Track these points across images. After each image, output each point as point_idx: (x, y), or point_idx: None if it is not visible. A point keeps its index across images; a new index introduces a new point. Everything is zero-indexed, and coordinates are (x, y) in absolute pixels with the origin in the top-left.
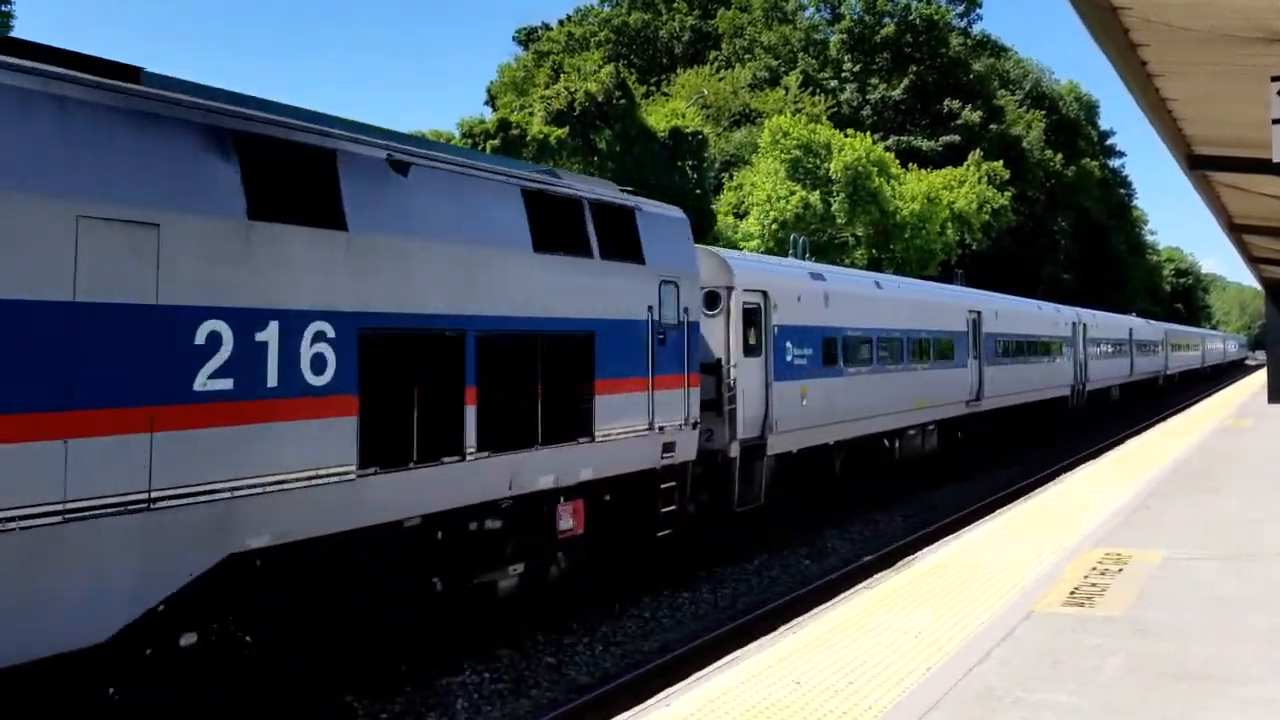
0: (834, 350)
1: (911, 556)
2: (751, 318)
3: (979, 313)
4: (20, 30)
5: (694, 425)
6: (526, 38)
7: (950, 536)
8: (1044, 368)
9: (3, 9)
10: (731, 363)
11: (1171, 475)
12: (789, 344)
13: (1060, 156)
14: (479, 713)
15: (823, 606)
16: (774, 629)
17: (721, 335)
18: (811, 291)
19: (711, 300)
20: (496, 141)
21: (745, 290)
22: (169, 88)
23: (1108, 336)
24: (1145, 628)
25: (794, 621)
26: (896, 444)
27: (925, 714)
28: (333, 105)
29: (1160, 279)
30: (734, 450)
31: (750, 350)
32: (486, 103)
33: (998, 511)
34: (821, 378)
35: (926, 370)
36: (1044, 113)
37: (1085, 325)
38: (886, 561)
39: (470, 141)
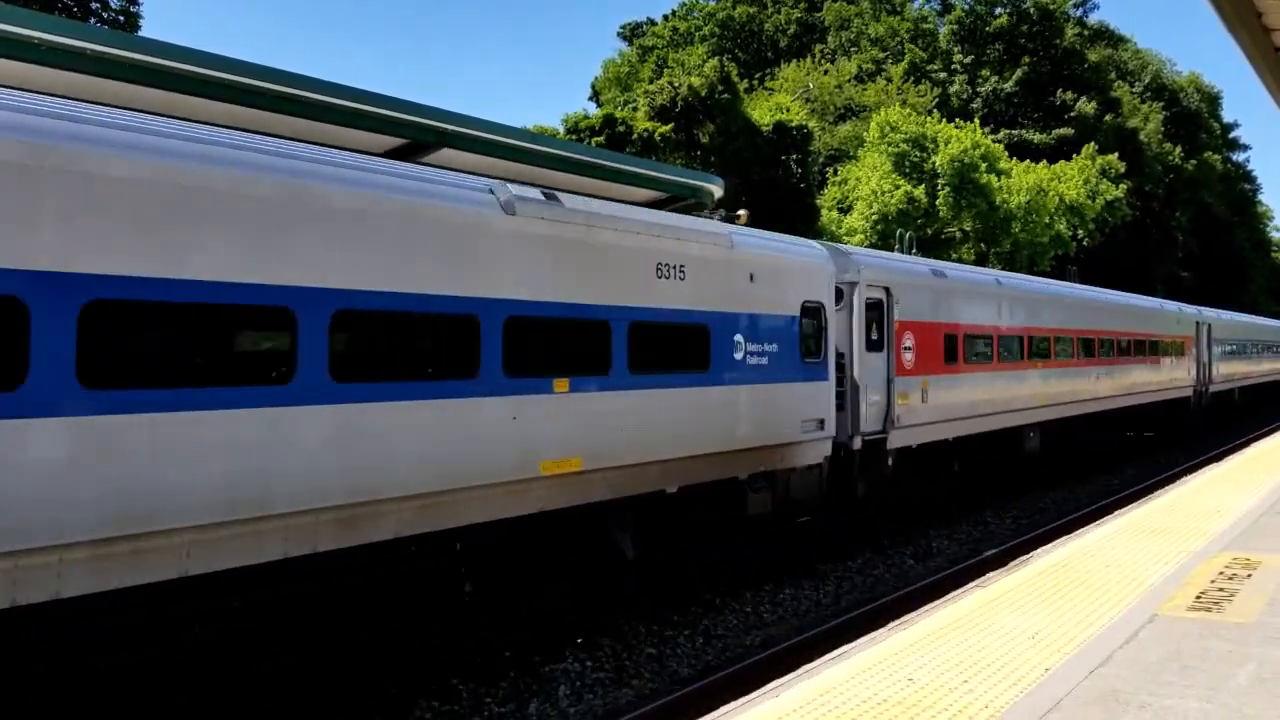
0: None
1: (1025, 557)
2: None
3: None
4: (149, 29)
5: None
6: (631, 33)
7: (1066, 537)
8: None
9: (131, 9)
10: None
11: None
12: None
13: (1180, 150)
14: (580, 700)
15: (933, 604)
16: (881, 626)
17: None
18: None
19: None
20: (602, 138)
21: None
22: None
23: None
24: (1278, 635)
25: (904, 618)
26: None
27: (1045, 715)
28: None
29: None
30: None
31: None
32: (590, 98)
33: (1117, 512)
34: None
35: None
36: (1163, 105)
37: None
38: (998, 562)
39: (575, 136)
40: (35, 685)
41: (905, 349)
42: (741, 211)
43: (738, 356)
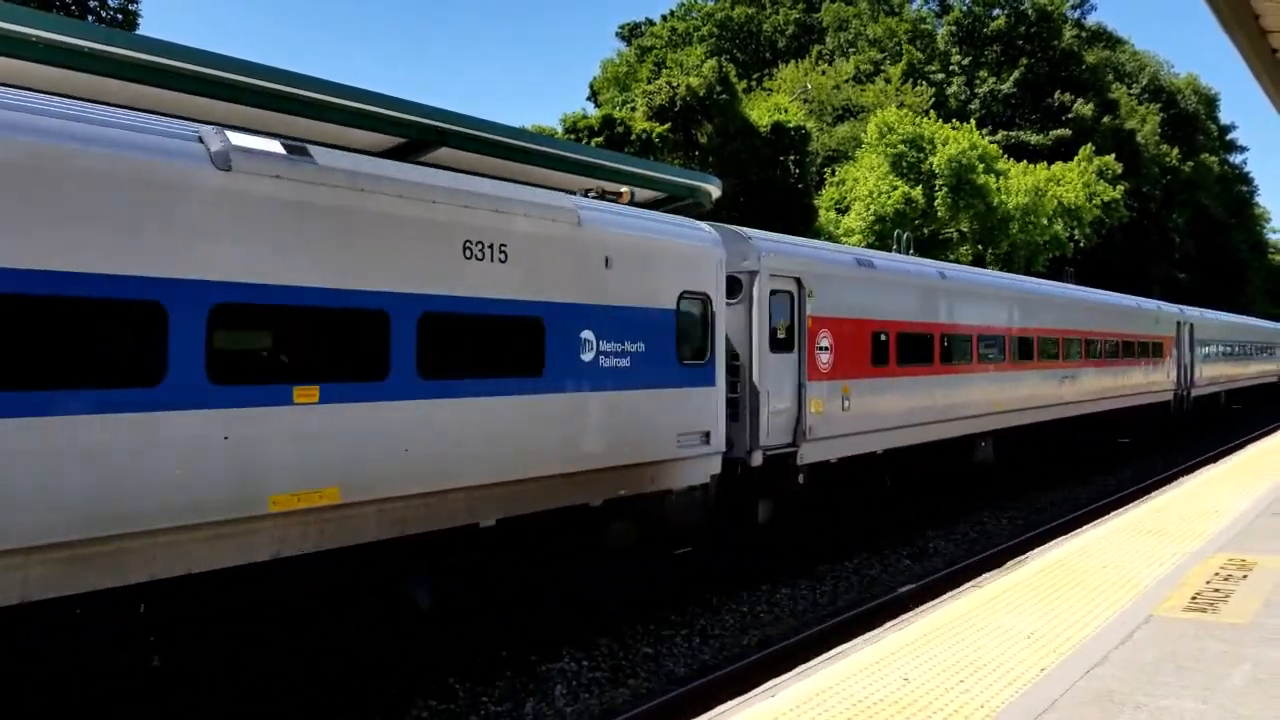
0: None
1: (1022, 557)
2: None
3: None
4: (146, 27)
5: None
6: (629, 33)
7: (1062, 537)
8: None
9: (130, 7)
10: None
11: None
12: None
13: (1177, 151)
14: (577, 699)
15: (930, 604)
16: (877, 626)
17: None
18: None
19: (732, 287)
20: (601, 139)
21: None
22: None
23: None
24: (1273, 636)
25: (900, 618)
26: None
27: (1041, 715)
28: (437, 97)
29: None
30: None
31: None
32: (589, 98)
33: (1114, 513)
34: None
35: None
36: (1160, 106)
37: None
38: (995, 562)
39: (573, 136)
40: (35, 685)
41: (821, 349)
42: (624, 188)
43: (586, 358)
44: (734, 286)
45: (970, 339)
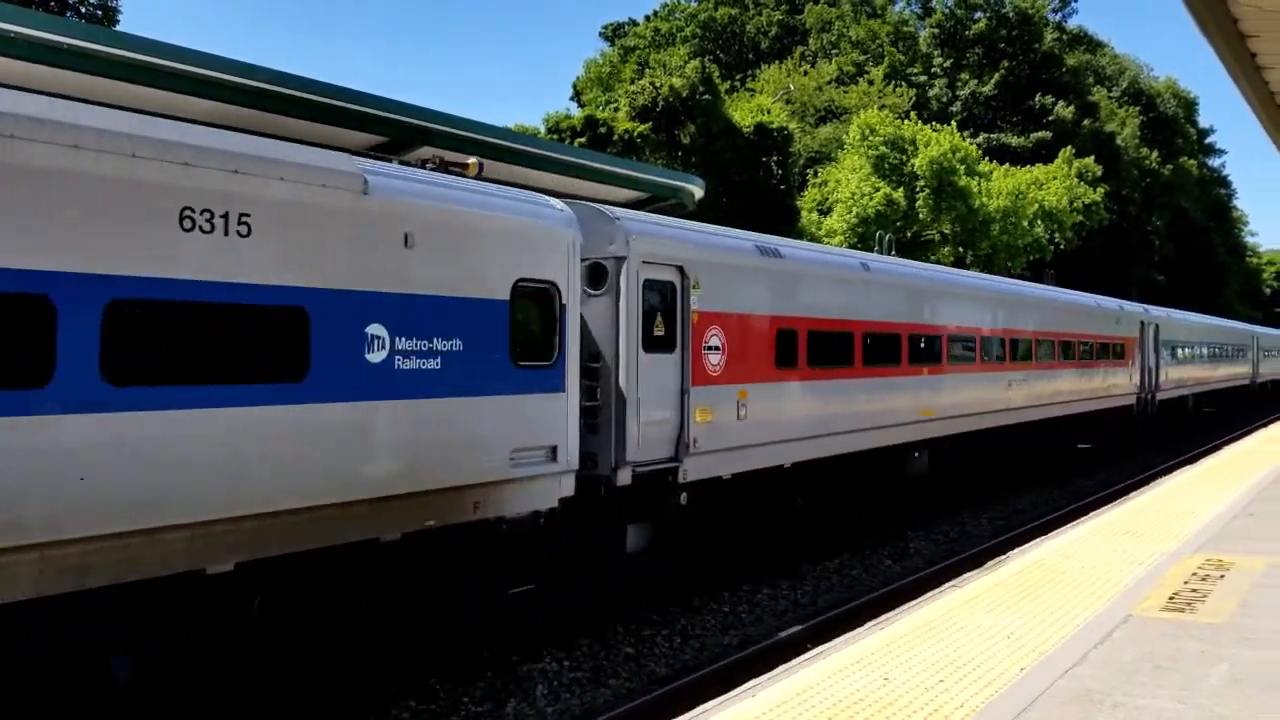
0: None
1: (1002, 557)
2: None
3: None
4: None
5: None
6: (613, 33)
7: (1042, 538)
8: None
9: (109, 3)
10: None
11: (1275, 482)
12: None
13: (1157, 154)
14: (558, 700)
15: (910, 604)
16: (858, 626)
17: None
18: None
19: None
20: (584, 139)
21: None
22: None
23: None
24: (1250, 636)
25: (881, 618)
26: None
27: (1020, 714)
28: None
29: (1260, 282)
30: (624, 477)
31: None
32: (572, 98)
33: (1091, 514)
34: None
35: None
36: (1140, 109)
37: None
38: (975, 562)
39: (556, 136)
40: (35, 685)
41: (710, 349)
42: (472, 159)
43: (375, 358)
44: (599, 275)
45: (899, 338)
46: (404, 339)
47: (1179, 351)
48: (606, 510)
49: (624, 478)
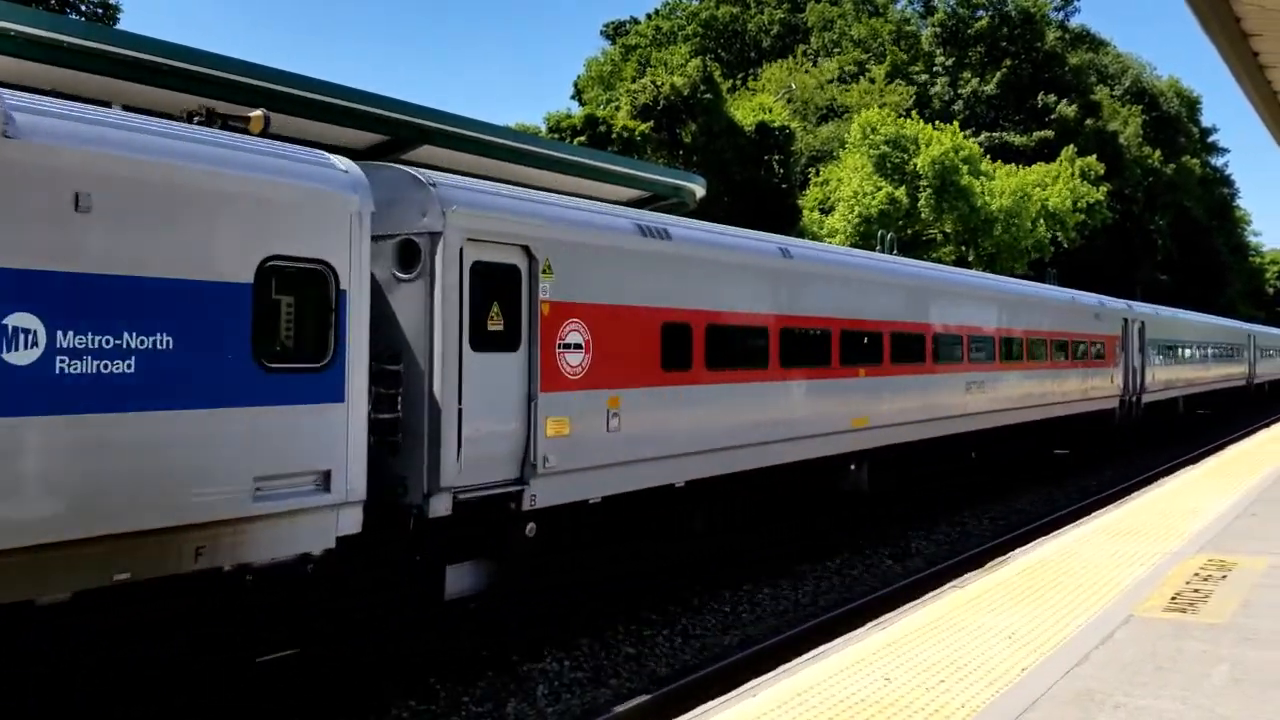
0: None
1: (1003, 557)
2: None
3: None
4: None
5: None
6: (614, 31)
7: (1043, 538)
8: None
9: (109, 1)
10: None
11: (1276, 483)
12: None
13: (1159, 153)
14: (559, 700)
15: (911, 605)
16: (859, 626)
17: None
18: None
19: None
20: (584, 138)
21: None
22: None
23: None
24: (1252, 636)
25: (881, 619)
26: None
27: (1021, 714)
28: (421, 95)
29: (1264, 282)
30: (441, 507)
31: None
32: (573, 96)
33: (1095, 513)
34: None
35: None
36: (1143, 108)
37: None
38: (976, 562)
39: (557, 135)
40: (35, 685)
41: (568, 347)
42: (257, 112)
43: (19, 359)
44: (410, 255)
45: (828, 336)
46: (72, 334)
47: (1167, 351)
48: (416, 549)
49: (439, 507)
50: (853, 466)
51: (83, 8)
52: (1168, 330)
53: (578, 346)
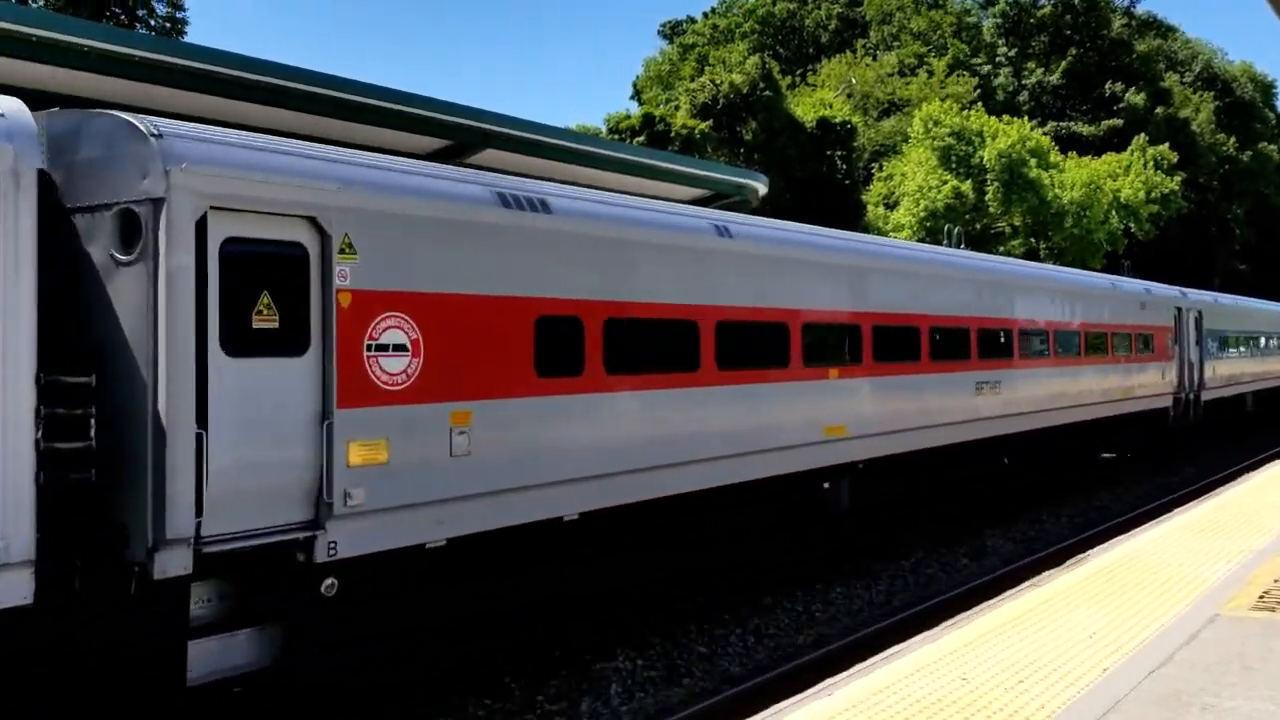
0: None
1: (1082, 555)
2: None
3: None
4: (193, 35)
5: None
6: (671, 31)
7: (1123, 536)
8: None
9: (176, 15)
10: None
11: None
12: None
13: (1234, 140)
14: (632, 698)
15: (989, 603)
16: (934, 626)
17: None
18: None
19: (127, 230)
20: (642, 137)
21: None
22: None
23: None
24: None
25: (958, 617)
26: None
27: (1103, 716)
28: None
29: None
30: (174, 564)
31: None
32: (632, 97)
33: (1175, 511)
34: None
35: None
36: (1214, 95)
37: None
38: (1054, 561)
39: (616, 136)
40: (35, 685)
41: (385, 349)
42: None
43: None
44: (131, 230)
45: (784, 330)
46: None
47: (1231, 342)
48: (140, 620)
49: (171, 564)
50: (827, 484)
51: (151, 23)
52: (1230, 319)
53: (400, 348)
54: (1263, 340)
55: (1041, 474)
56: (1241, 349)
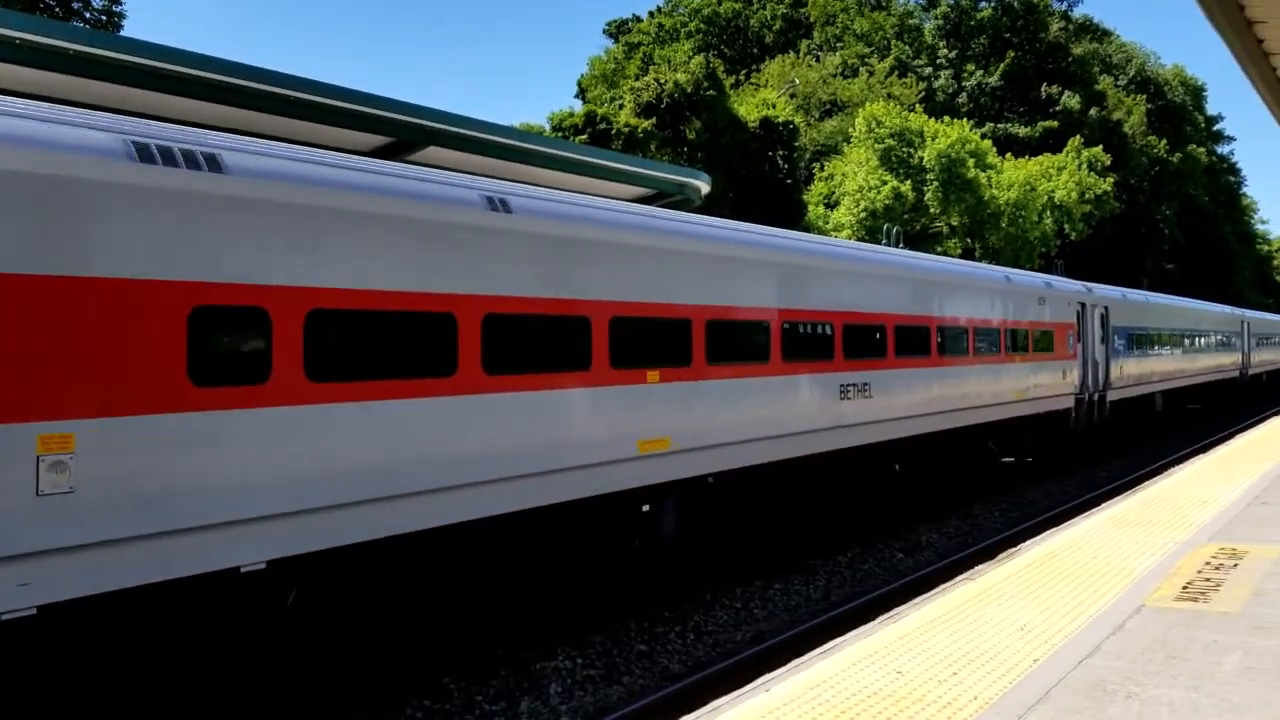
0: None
1: (1013, 549)
2: None
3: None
4: (130, 28)
5: None
6: (617, 30)
7: (1053, 530)
8: None
9: (114, 8)
10: None
11: None
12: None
13: (1165, 143)
14: (572, 697)
15: (923, 597)
16: (870, 620)
17: None
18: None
19: None
20: (585, 135)
21: None
22: None
23: None
24: (1264, 625)
25: (893, 612)
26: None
27: (1034, 706)
28: (425, 96)
29: (1271, 269)
30: None
31: None
32: (577, 95)
33: (1104, 505)
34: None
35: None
36: (1147, 97)
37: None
38: (987, 555)
39: (560, 134)
40: (34, 685)
41: None
42: None
43: None
44: None
45: (587, 325)
46: None
47: (1140, 340)
48: None
49: None
50: (645, 507)
51: (86, 15)
52: (1138, 316)
53: None
54: (1176, 338)
55: (927, 482)
56: (1152, 347)
